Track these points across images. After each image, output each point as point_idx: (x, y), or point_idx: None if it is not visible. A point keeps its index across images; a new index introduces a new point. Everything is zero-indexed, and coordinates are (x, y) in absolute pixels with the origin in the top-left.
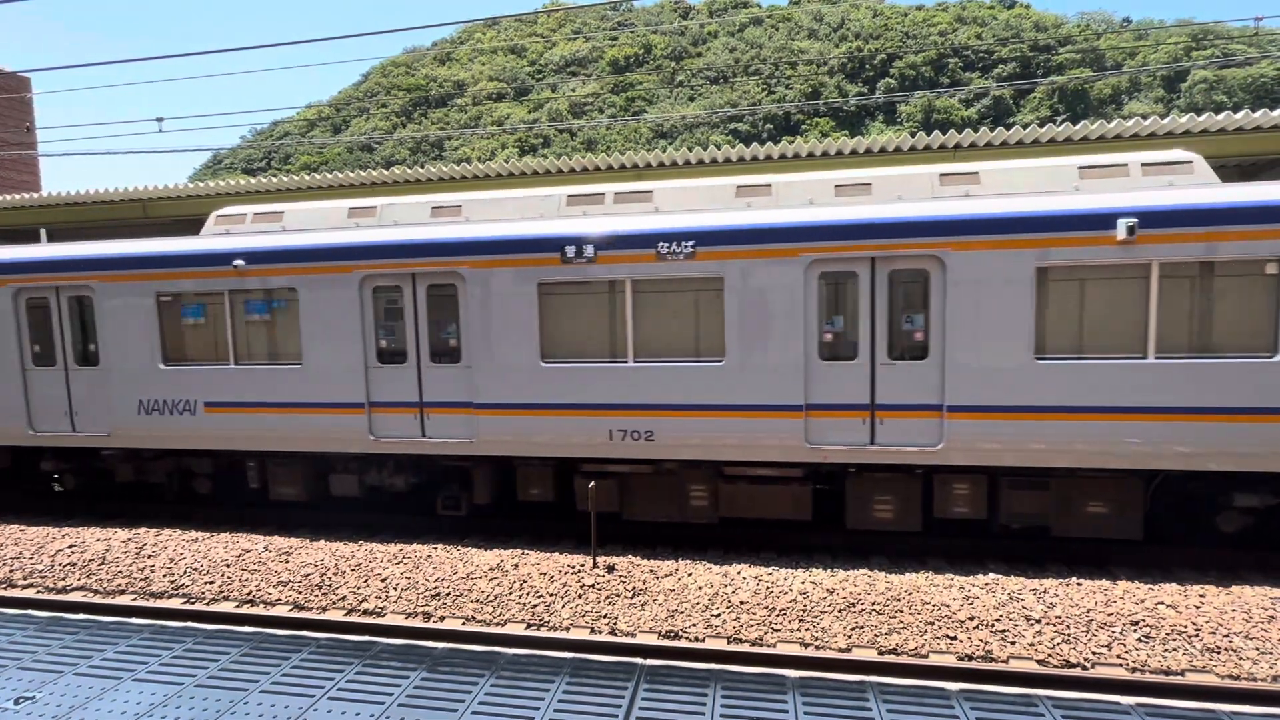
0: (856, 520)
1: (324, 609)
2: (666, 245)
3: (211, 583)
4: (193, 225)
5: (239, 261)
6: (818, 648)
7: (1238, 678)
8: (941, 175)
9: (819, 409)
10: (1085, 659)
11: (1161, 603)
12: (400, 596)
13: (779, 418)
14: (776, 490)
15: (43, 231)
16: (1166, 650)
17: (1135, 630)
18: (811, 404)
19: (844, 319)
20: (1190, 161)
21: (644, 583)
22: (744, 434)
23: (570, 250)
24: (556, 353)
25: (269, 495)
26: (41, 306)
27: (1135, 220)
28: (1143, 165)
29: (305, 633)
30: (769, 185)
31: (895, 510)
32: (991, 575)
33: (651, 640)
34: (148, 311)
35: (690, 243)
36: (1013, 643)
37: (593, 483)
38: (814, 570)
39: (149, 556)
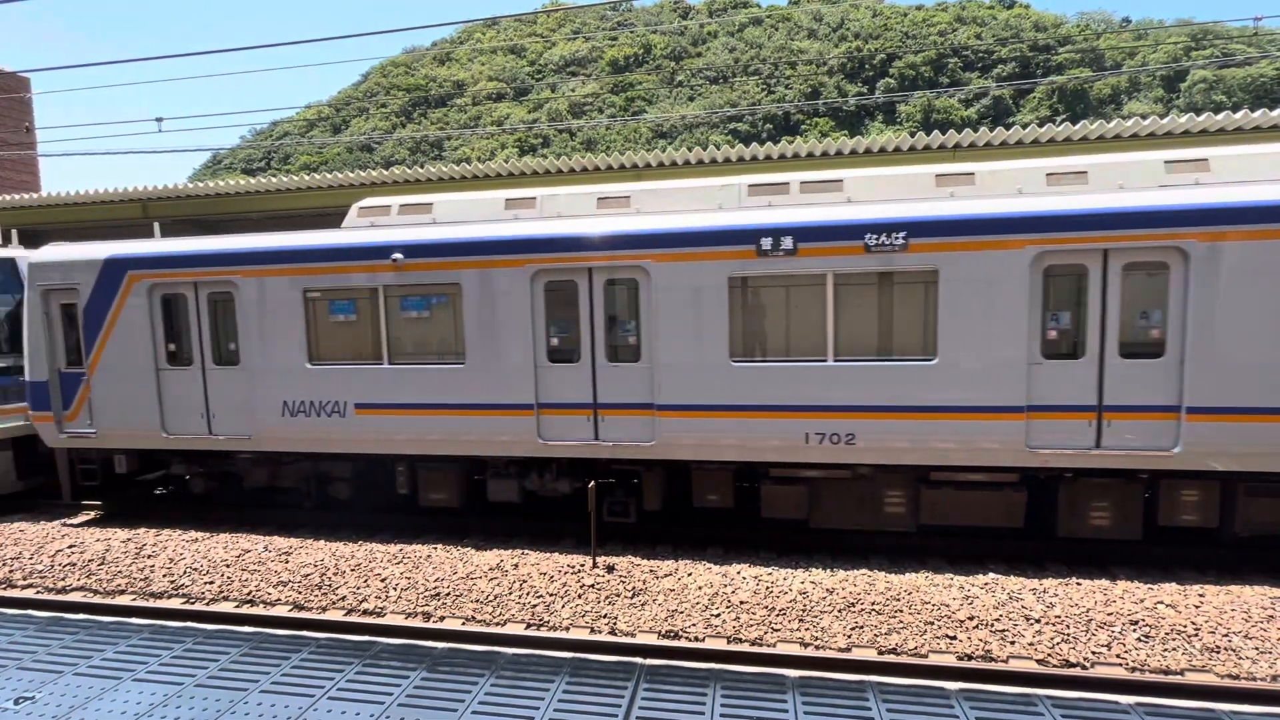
0: (1069, 528)
1: (324, 609)
2: (875, 237)
3: (211, 583)
4: (195, 225)
5: (397, 255)
6: (818, 647)
7: (1237, 677)
8: (1167, 162)
9: (1041, 410)
10: (1085, 658)
11: (1161, 602)
12: (400, 596)
13: (996, 420)
14: (988, 496)
15: (156, 225)
16: (1166, 650)
17: (1135, 630)
18: (1033, 405)
19: (1069, 315)
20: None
21: (644, 582)
22: (957, 436)
23: (767, 242)
24: (747, 351)
25: (418, 501)
26: (179, 303)
27: None
28: None
29: (305, 633)
30: (971, 174)
31: (1113, 517)
32: (991, 575)
33: (651, 640)
34: (294, 307)
35: (902, 234)
36: (1012, 642)
37: (592, 482)
38: (814, 570)
39: (149, 556)
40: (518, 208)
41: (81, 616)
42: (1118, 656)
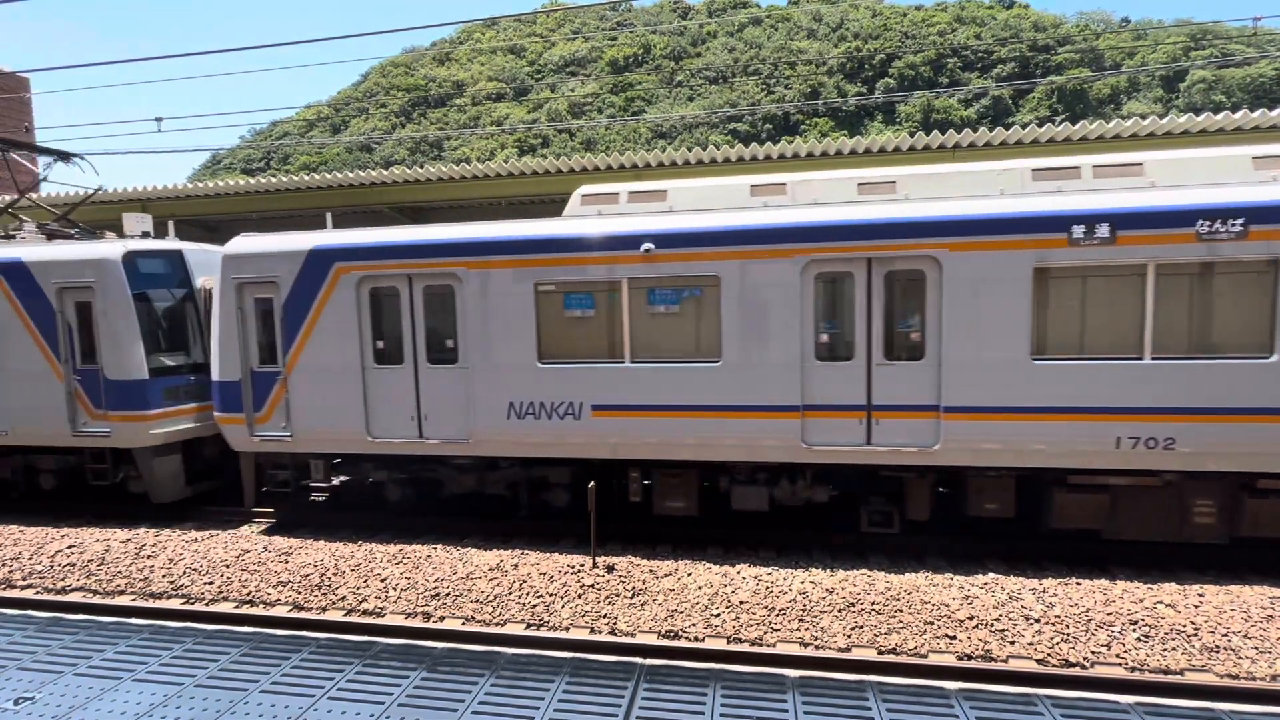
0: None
1: (323, 609)
2: (1209, 223)
3: (211, 583)
4: (194, 226)
5: (648, 245)
6: (817, 647)
7: (1237, 677)
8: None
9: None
10: (1084, 658)
11: (1160, 602)
12: (400, 597)
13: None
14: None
15: (328, 215)
16: (1165, 649)
17: (1134, 629)
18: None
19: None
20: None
21: (643, 583)
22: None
23: (1079, 230)
24: (1051, 347)
25: (653, 509)
26: (391, 297)
27: None
28: None
29: (305, 633)
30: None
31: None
32: (991, 575)
33: (651, 640)
34: (524, 302)
35: (1240, 220)
36: (1012, 642)
37: (591, 483)
38: (813, 570)
39: (148, 557)
40: (766, 194)
41: (81, 617)
42: (1117, 656)
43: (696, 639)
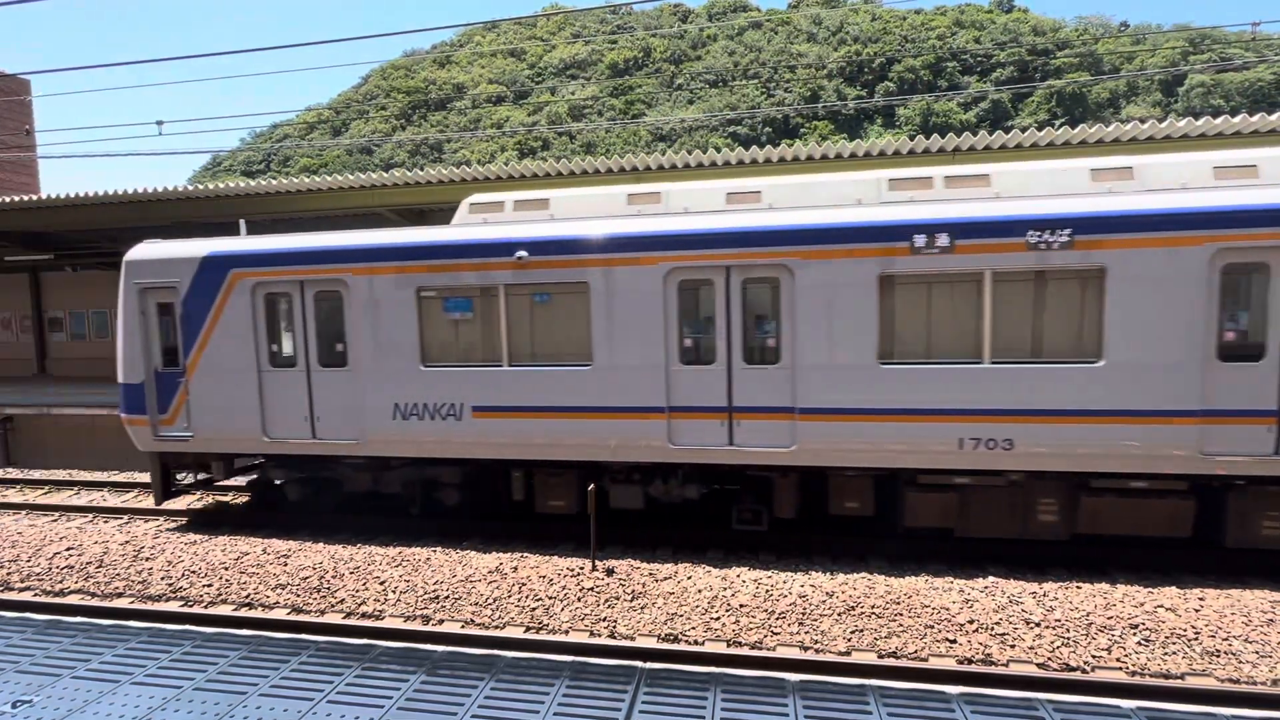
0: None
1: (322, 612)
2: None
3: (209, 585)
4: (197, 227)
5: (521, 253)
6: (817, 651)
7: (1237, 681)
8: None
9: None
10: (1085, 662)
11: (1161, 606)
12: (399, 599)
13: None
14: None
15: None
16: (1166, 654)
17: (1135, 634)
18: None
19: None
20: None
21: (643, 586)
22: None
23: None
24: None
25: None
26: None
27: None
28: None
29: (304, 636)
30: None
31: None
32: (991, 578)
33: (651, 643)
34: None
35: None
36: (1012, 646)
37: (591, 485)
38: (813, 573)
39: (146, 559)
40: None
41: (79, 619)
42: (1118, 660)
43: (696, 642)
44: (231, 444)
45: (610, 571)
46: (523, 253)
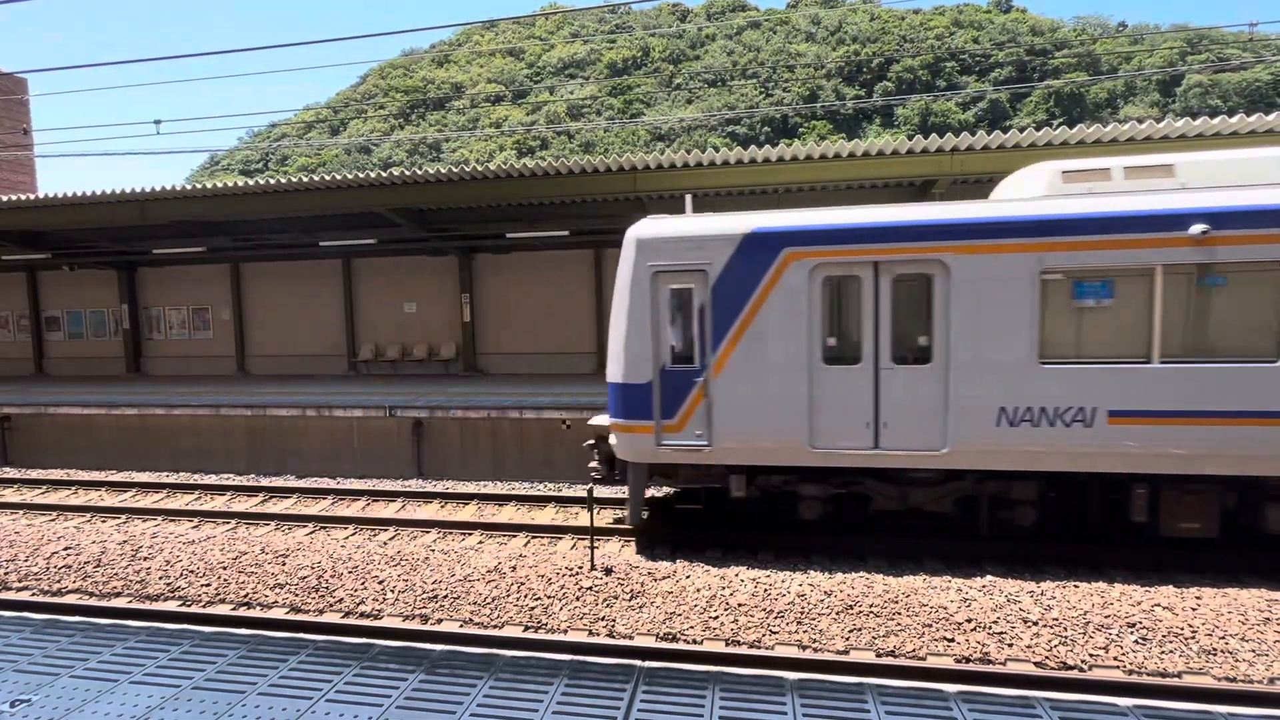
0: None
1: (321, 611)
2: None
3: (208, 585)
4: (197, 226)
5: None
6: (816, 650)
7: (1234, 679)
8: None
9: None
10: (1082, 661)
11: (1158, 605)
12: (398, 599)
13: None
14: None
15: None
16: (1163, 652)
17: (1132, 632)
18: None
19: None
20: None
21: (642, 585)
22: None
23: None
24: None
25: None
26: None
27: None
28: None
29: (303, 635)
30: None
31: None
32: (989, 577)
33: (649, 642)
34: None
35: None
36: (1010, 645)
37: (590, 488)
38: (811, 572)
39: (145, 559)
40: None
41: (78, 619)
42: (1115, 659)
43: (695, 641)
44: (763, 454)
45: (609, 570)
46: (1204, 226)
